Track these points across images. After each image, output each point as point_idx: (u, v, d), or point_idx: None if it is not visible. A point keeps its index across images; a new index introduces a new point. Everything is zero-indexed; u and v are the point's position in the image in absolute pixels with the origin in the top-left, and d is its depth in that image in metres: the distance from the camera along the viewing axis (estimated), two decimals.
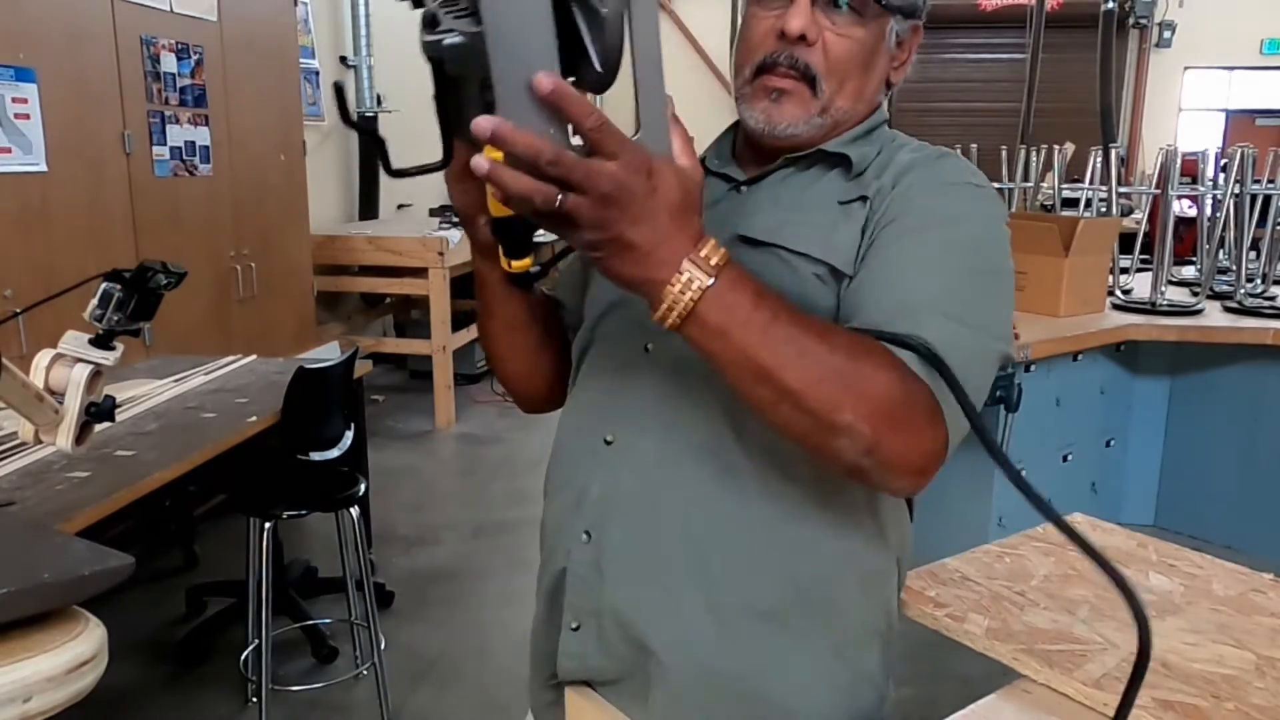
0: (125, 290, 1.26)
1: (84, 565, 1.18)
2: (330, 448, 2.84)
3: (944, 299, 0.86)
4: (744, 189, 1.02)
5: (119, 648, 1.24)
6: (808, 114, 0.96)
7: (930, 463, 0.82)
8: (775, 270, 0.93)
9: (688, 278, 0.73)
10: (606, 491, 0.98)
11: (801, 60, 0.95)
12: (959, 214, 0.92)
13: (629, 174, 0.68)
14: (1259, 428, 3.49)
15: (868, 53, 0.97)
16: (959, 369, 0.81)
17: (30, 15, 3.13)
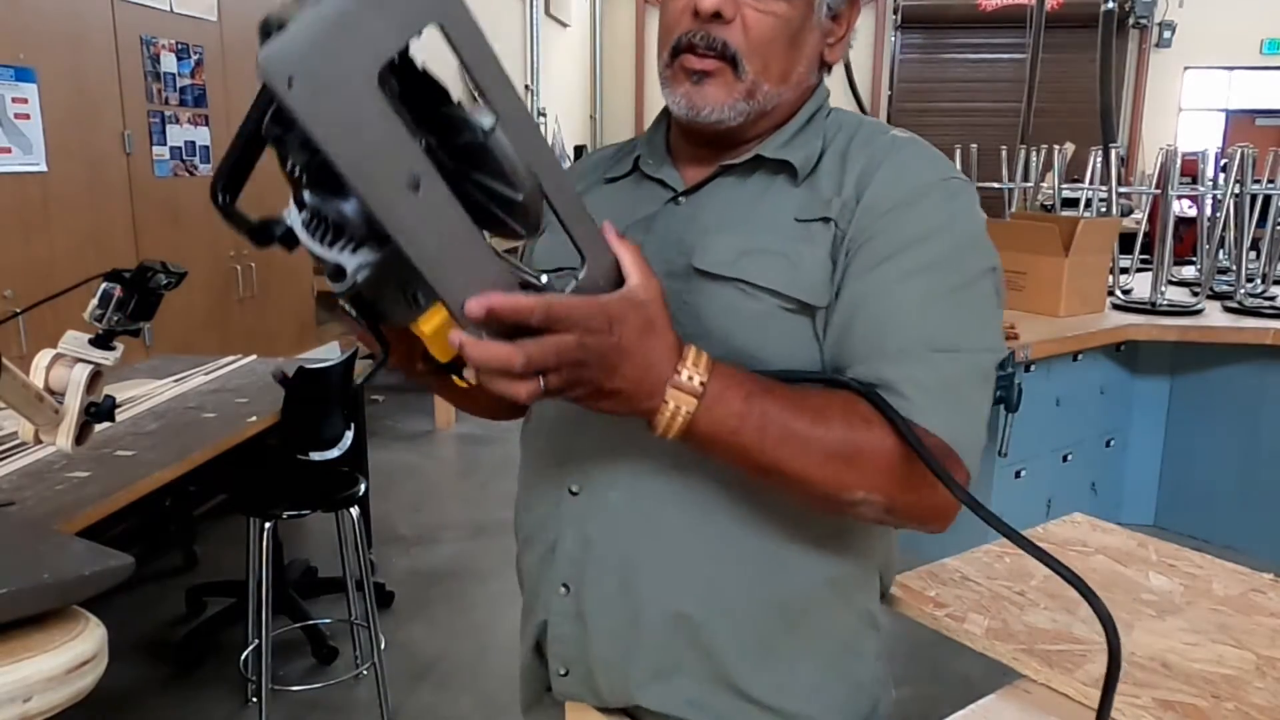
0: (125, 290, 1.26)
1: (84, 565, 1.18)
2: (330, 448, 2.84)
3: (931, 333, 0.83)
4: (682, 200, 0.95)
5: (119, 648, 1.24)
6: (732, 98, 0.89)
7: (952, 502, 0.81)
8: (737, 306, 0.88)
9: (674, 405, 0.74)
10: (578, 544, 0.95)
11: (718, 39, 0.88)
12: (931, 227, 0.87)
13: (593, 339, 0.69)
14: (1259, 428, 3.49)
15: (793, 29, 0.89)
16: (960, 399, 0.82)
17: (30, 15, 3.13)
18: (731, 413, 0.76)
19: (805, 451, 0.77)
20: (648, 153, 1.00)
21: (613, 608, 0.93)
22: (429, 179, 0.62)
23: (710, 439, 0.77)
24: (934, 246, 0.86)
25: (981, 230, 0.90)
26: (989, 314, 0.88)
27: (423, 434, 5.06)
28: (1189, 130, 9.96)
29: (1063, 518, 1.63)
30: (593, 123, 10.90)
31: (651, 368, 0.73)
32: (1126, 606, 1.30)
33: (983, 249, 0.89)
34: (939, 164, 0.91)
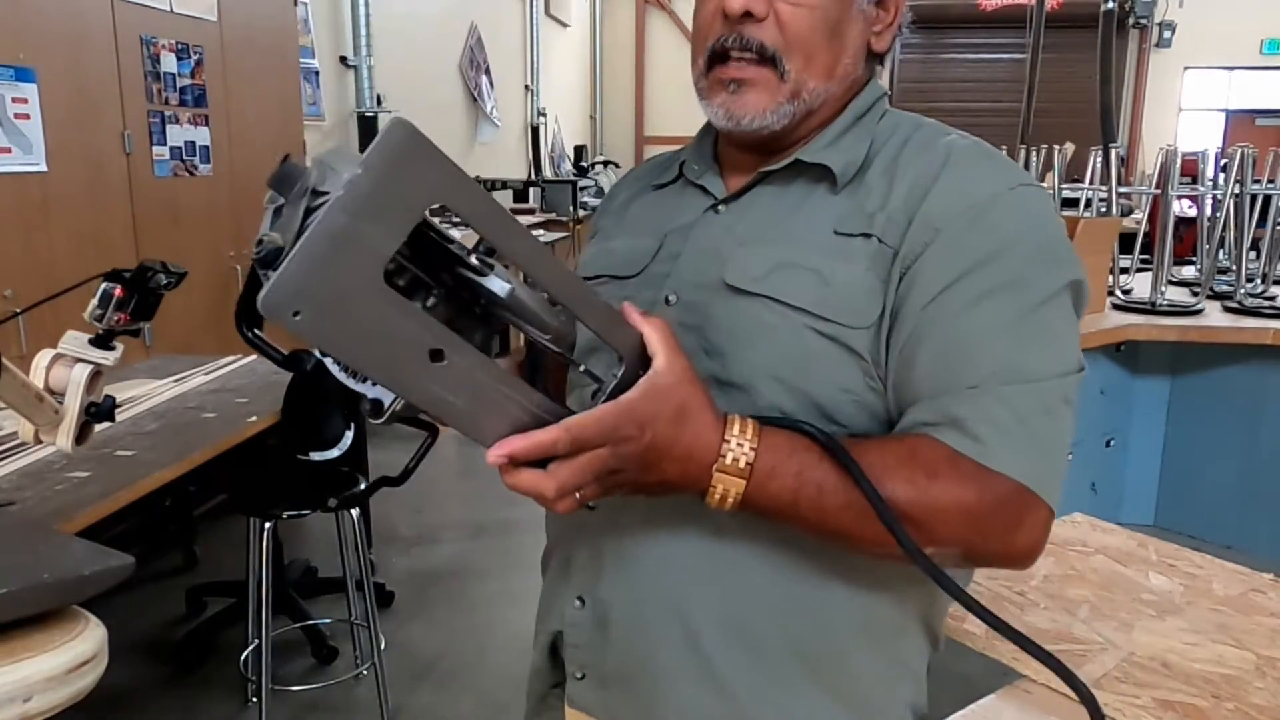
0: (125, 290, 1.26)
1: (84, 565, 1.18)
2: (330, 448, 2.84)
3: (1005, 365, 0.77)
4: (722, 208, 0.91)
5: (119, 648, 1.24)
6: (775, 101, 0.85)
7: (1035, 543, 0.78)
8: (768, 323, 0.83)
9: (721, 489, 0.73)
10: (593, 560, 0.93)
11: (754, 40, 0.83)
12: (1000, 244, 0.80)
13: (623, 446, 0.68)
14: (1259, 428, 3.49)
15: (833, 18, 0.84)
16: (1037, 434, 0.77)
17: (30, 15, 3.13)
18: (785, 488, 0.74)
19: (867, 515, 0.73)
20: (694, 158, 0.97)
21: (627, 625, 0.91)
22: (450, 348, 0.63)
23: (765, 513, 0.75)
24: (1003, 266, 0.79)
25: (1057, 239, 0.83)
26: (1068, 332, 0.82)
27: (422, 434, 5.05)
28: (1189, 130, 9.96)
29: (1063, 518, 1.63)
30: (593, 123, 10.90)
31: (692, 457, 0.72)
32: (1126, 606, 1.30)
33: (1060, 261, 0.82)
34: (1005, 170, 0.84)
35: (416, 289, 0.66)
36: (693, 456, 0.72)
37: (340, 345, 0.58)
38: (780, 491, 0.73)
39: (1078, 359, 0.82)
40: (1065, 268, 0.82)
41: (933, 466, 0.75)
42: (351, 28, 6.03)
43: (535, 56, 8.62)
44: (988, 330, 0.78)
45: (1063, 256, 0.82)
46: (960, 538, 0.75)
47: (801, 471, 0.73)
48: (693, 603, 0.87)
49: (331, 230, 0.56)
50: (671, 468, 0.71)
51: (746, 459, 0.72)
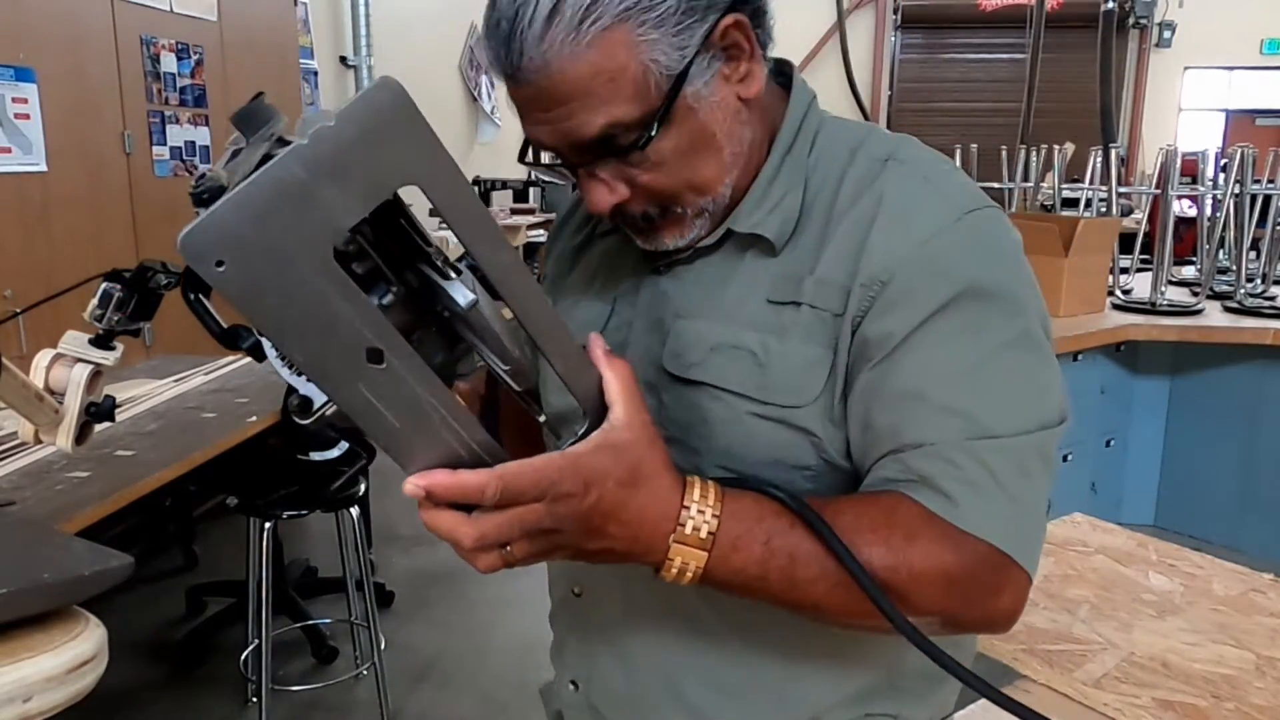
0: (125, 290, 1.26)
1: (84, 565, 1.18)
2: (330, 448, 2.84)
3: (968, 420, 0.71)
4: (663, 269, 0.83)
5: (119, 648, 1.24)
6: (689, 229, 0.78)
7: (1017, 607, 0.72)
8: (711, 411, 0.78)
9: (680, 563, 0.66)
10: (582, 646, 0.92)
11: (635, 214, 0.77)
12: (952, 291, 0.73)
13: (560, 504, 0.61)
14: (1259, 428, 3.49)
15: (686, 142, 0.73)
16: (1011, 494, 0.71)
17: (30, 15, 3.13)
18: (752, 559, 0.66)
19: (842, 591, 0.67)
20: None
21: (618, 704, 0.90)
22: (392, 350, 0.55)
23: (729, 588, 0.68)
24: (958, 311, 0.72)
25: (1014, 270, 0.75)
26: (1041, 376, 0.75)
27: None
28: (1189, 130, 9.95)
29: (1063, 518, 1.63)
30: None
31: (645, 523, 0.64)
32: (1126, 606, 1.30)
33: (1020, 296, 0.74)
34: (947, 197, 0.75)
35: (374, 281, 0.59)
36: (645, 523, 0.64)
37: (264, 315, 0.50)
38: (746, 564, 0.66)
39: (1054, 408, 0.75)
40: (1026, 302, 0.75)
41: (910, 528, 0.69)
42: (351, 28, 6.03)
43: None
44: (949, 383, 0.72)
45: (1022, 290, 0.75)
46: (941, 605, 0.69)
47: (770, 540, 0.66)
48: (686, 675, 0.85)
49: (282, 179, 0.49)
50: (619, 534, 0.64)
51: (708, 528, 0.65)
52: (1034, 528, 0.74)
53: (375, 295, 0.58)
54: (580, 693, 0.93)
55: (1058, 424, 0.74)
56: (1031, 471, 0.73)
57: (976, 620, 0.73)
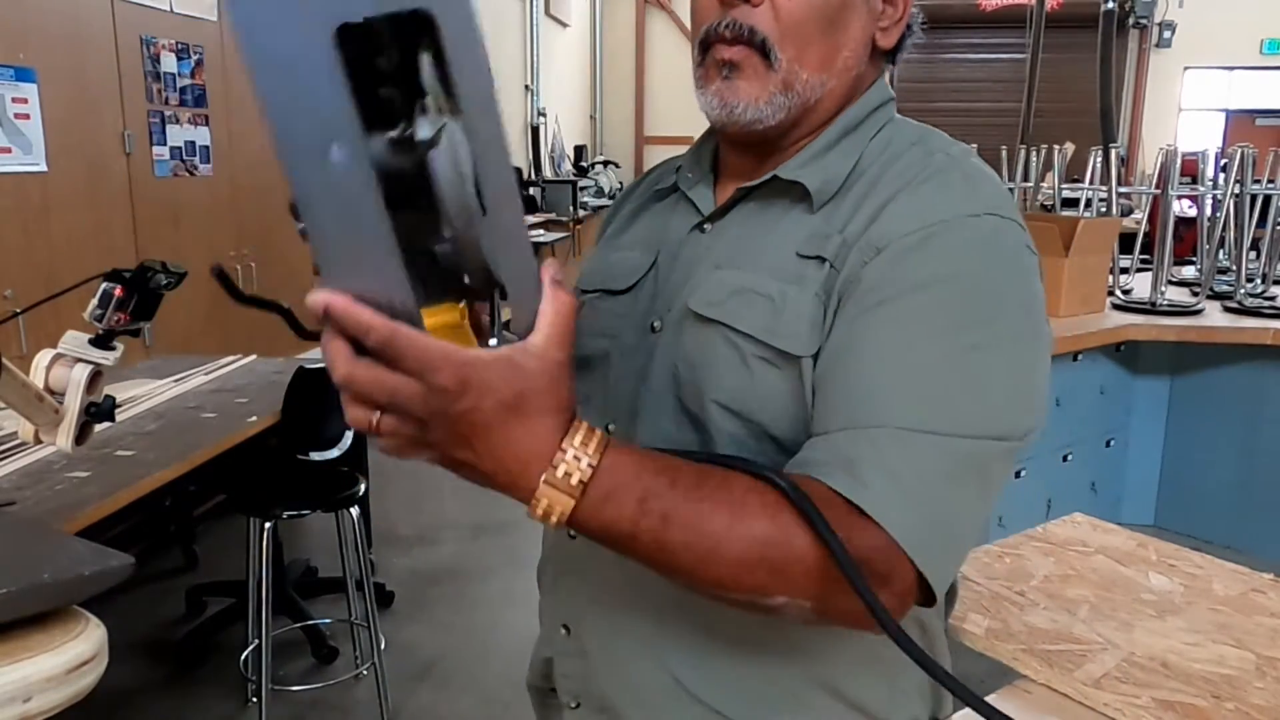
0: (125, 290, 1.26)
1: (84, 565, 1.18)
2: (330, 448, 2.84)
3: (913, 409, 0.69)
4: (707, 227, 0.86)
5: (119, 648, 1.24)
6: (767, 91, 0.79)
7: (898, 610, 0.68)
8: (720, 353, 0.79)
9: (545, 504, 0.63)
10: (573, 593, 0.93)
11: (745, 25, 0.78)
12: (938, 273, 0.72)
13: (436, 397, 0.58)
14: (1259, 428, 3.49)
15: (832, 7, 0.78)
16: (933, 494, 0.68)
17: (30, 15, 3.13)
18: (623, 515, 0.64)
19: (714, 556, 0.65)
20: (690, 165, 0.91)
21: (606, 657, 0.90)
22: (348, 153, 0.54)
23: (597, 537, 0.66)
24: (934, 298, 0.71)
25: (1013, 281, 0.74)
26: (1006, 386, 0.72)
27: None
28: (1189, 130, 9.96)
29: (1063, 518, 1.63)
30: (593, 123, 10.90)
31: (512, 454, 0.62)
32: (1126, 606, 1.30)
33: (1007, 305, 0.73)
34: (974, 195, 0.76)
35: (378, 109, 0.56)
36: (514, 456, 0.62)
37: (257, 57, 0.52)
38: (617, 519, 0.64)
39: (1010, 422, 0.72)
40: (1011, 316, 0.73)
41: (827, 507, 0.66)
42: None
43: (535, 56, 8.63)
44: (905, 366, 0.70)
45: (1016, 301, 0.73)
46: (812, 586, 0.66)
47: (645, 499, 0.64)
48: (667, 642, 0.85)
49: None
50: (485, 454, 0.61)
51: (580, 476, 0.62)
52: (945, 534, 0.69)
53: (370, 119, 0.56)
54: (571, 636, 0.93)
55: (1009, 438, 0.72)
56: (962, 480, 0.70)
57: (848, 610, 0.66)
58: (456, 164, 0.57)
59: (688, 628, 0.84)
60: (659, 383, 0.84)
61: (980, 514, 0.73)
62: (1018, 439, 0.72)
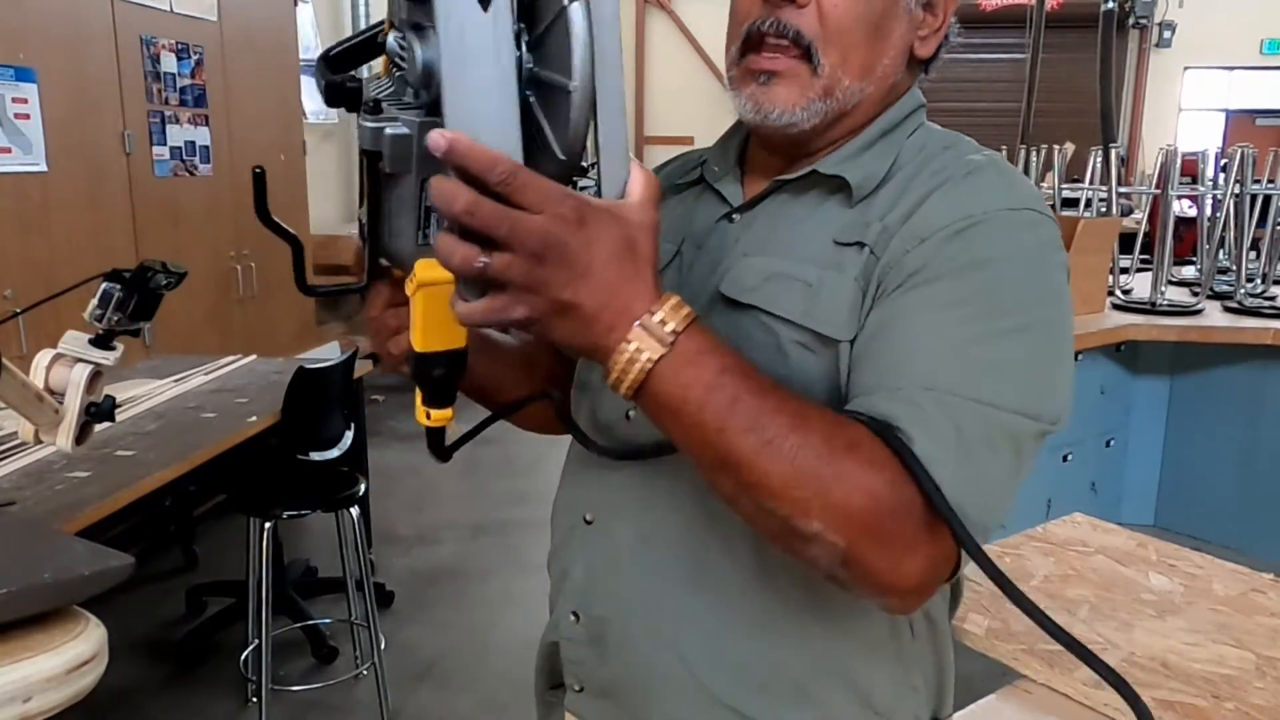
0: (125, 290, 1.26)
1: (84, 565, 1.18)
2: (330, 448, 2.84)
3: (955, 378, 0.70)
4: (736, 218, 0.87)
5: (119, 648, 1.24)
6: (806, 97, 0.80)
7: (926, 581, 0.68)
8: (755, 338, 0.79)
9: (635, 347, 0.62)
10: (587, 575, 0.92)
11: (791, 26, 0.78)
12: (978, 259, 0.74)
13: (558, 226, 0.58)
14: (1259, 428, 3.49)
15: (877, 14, 0.79)
16: (972, 455, 0.68)
17: (30, 15, 3.13)
18: (700, 381, 0.64)
19: (770, 454, 0.64)
20: (716, 158, 0.92)
21: (618, 642, 0.90)
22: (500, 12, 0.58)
23: (667, 403, 0.64)
24: (976, 280, 0.73)
25: (1049, 272, 0.76)
26: (1041, 370, 0.73)
27: (423, 434, 5.06)
28: (1189, 130, 9.95)
29: (1063, 518, 1.63)
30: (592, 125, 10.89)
31: (618, 294, 0.62)
32: (1126, 606, 1.30)
33: (1046, 294, 0.75)
34: (1012, 191, 0.78)
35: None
36: (618, 294, 0.62)
37: None
38: (693, 383, 0.63)
39: (1045, 404, 0.73)
40: (1051, 303, 0.75)
41: (855, 440, 0.66)
42: (352, 28, 6.03)
43: None
44: (940, 341, 0.71)
45: (1049, 290, 0.75)
46: (853, 525, 0.65)
47: (725, 371, 0.64)
48: (680, 623, 0.86)
49: None
50: (594, 290, 0.61)
51: (678, 323, 0.63)
52: (984, 497, 0.69)
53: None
54: (581, 623, 0.93)
55: (1043, 420, 0.72)
56: (999, 449, 0.70)
57: (879, 570, 0.66)
58: (587, 19, 0.60)
59: (701, 609, 0.84)
60: None
61: (1010, 489, 0.73)
62: (1049, 423, 0.73)
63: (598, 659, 0.92)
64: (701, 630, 0.85)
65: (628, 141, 0.65)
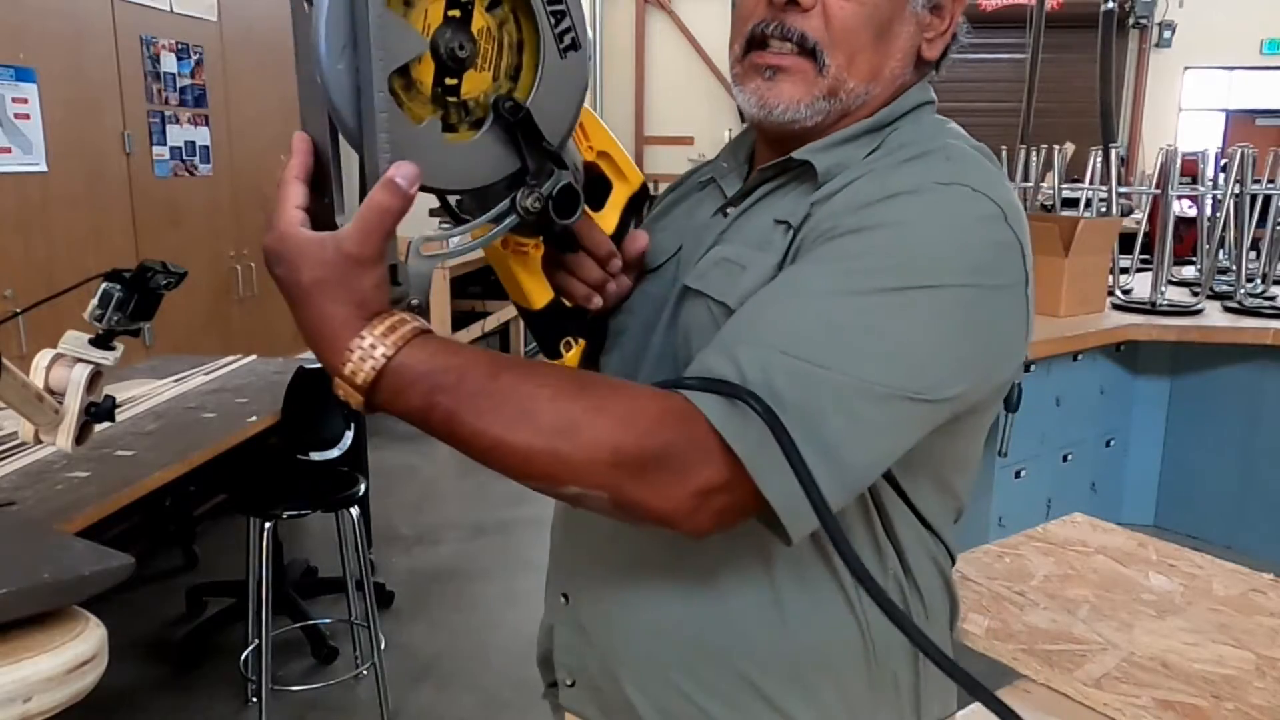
0: (125, 290, 1.26)
1: (84, 565, 1.18)
2: (330, 448, 2.84)
3: (801, 336, 0.68)
4: (729, 211, 0.87)
5: (119, 648, 1.24)
6: (810, 95, 0.80)
7: (701, 504, 0.67)
8: (702, 321, 0.80)
9: (343, 394, 0.68)
10: (575, 554, 0.94)
11: (795, 29, 0.78)
12: (886, 221, 0.72)
13: (270, 260, 0.67)
14: (1259, 428, 3.49)
15: (883, 17, 0.79)
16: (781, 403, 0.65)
17: (30, 15, 3.13)
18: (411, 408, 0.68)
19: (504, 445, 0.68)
20: (727, 155, 0.94)
21: (602, 619, 0.91)
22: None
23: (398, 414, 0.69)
24: (864, 240, 0.71)
25: (966, 245, 0.72)
26: (908, 339, 0.69)
27: (423, 434, 5.06)
28: (1189, 130, 9.95)
29: (1063, 518, 1.63)
30: None
31: (317, 334, 0.67)
32: (1126, 606, 1.30)
33: (955, 266, 0.71)
34: (951, 169, 0.76)
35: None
36: (320, 337, 0.67)
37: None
38: (407, 412, 0.68)
39: (914, 377, 0.69)
40: (957, 276, 0.70)
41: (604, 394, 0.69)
42: None
43: None
44: (790, 298, 0.70)
45: (959, 263, 0.71)
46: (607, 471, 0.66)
47: (433, 394, 0.67)
48: (659, 596, 0.86)
49: None
50: (302, 326, 0.68)
51: (365, 376, 0.66)
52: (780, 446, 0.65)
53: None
54: (569, 606, 0.94)
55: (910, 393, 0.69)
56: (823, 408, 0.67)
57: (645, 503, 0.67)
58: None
59: (670, 589, 0.84)
60: (663, 359, 0.86)
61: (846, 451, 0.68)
62: (930, 399, 0.70)
63: (583, 644, 0.93)
64: (672, 607, 0.85)
65: (377, 169, 0.66)
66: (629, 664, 0.88)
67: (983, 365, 0.74)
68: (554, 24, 0.69)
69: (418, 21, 0.67)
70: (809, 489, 0.64)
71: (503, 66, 0.71)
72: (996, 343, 0.75)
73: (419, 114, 0.69)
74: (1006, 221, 0.75)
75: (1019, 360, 0.80)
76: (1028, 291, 0.77)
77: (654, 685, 0.87)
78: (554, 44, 0.70)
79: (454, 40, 0.67)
